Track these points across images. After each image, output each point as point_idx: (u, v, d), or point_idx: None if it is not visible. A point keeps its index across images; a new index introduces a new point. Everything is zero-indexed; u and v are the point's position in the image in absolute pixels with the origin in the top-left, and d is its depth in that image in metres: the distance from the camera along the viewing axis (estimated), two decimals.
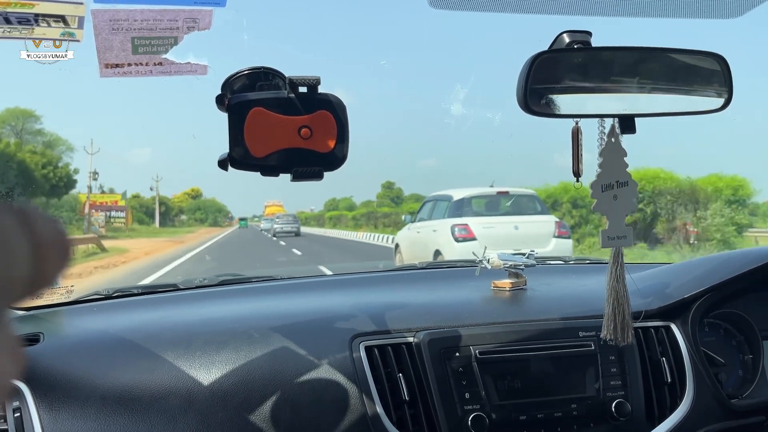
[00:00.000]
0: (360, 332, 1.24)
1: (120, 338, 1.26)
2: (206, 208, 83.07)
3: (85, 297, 1.63)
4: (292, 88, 0.84)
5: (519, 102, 0.99)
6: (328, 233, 41.57)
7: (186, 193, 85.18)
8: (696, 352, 1.34)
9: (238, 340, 1.22)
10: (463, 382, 1.19)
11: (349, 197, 75.90)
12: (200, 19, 0.91)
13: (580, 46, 1.04)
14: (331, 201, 78.32)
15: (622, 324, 1.15)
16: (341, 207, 69.73)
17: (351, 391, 1.16)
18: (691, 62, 1.08)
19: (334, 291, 1.70)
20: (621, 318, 1.15)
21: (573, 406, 1.23)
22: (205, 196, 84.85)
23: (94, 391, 1.10)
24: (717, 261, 1.54)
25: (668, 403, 1.30)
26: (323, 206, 78.32)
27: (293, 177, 0.87)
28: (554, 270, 1.93)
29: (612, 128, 1.08)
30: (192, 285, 1.75)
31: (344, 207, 68.76)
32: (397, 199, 67.90)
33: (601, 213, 1.10)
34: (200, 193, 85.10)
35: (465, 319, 1.30)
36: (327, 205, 78.26)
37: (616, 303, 1.15)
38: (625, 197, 1.10)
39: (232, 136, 0.83)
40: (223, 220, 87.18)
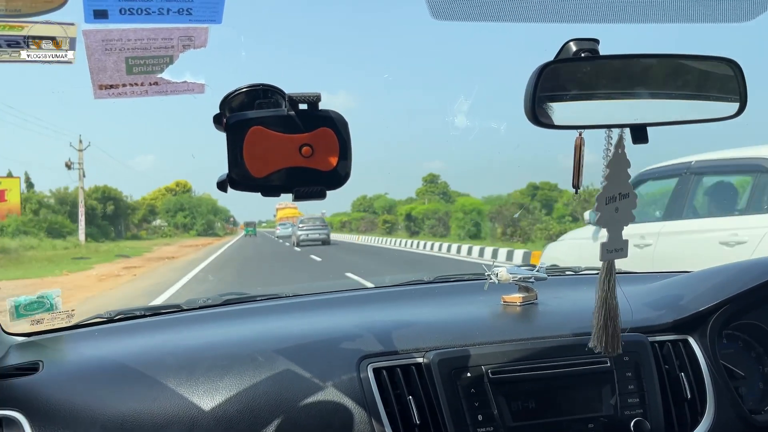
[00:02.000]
0: (368, 353, 1.21)
1: (121, 365, 1.23)
2: (194, 208, 60.89)
3: (86, 321, 1.60)
4: (292, 105, 0.81)
5: (527, 114, 0.96)
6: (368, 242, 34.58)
7: (167, 188, 65.11)
8: (715, 366, 1.30)
9: (242, 364, 1.18)
10: (475, 404, 1.16)
11: (383, 194, 61.34)
12: (196, 36, 0.89)
13: (588, 54, 1.00)
14: (360, 200, 62.87)
15: (612, 335, 1.11)
16: (377, 207, 57.98)
17: (360, 415, 1.12)
18: (703, 68, 1.05)
19: (340, 309, 1.67)
20: (612, 329, 1.12)
21: (590, 426, 1.19)
22: (196, 193, 63.95)
23: (94, 422, 1.07)
24: (731, 271, 1.50)
25: (689, 420, 1.26)
26: (351, 207, 63.83)
27: (295, 197, 0.84)
28: (564, 282, 1.89)
29: (619, 139, 1.05)
30: (195, 305, 1.71)
31: (380, 208, 57.15)
32: (444, 195, 55.52)
33: (603, 226, 1.07)
34: (188, 187, 64.69)
35: (475, 337, 1.26)
36: (356, 205, 63.41)
37: (607, 315, 1.11)
38: (625, 209, 1.08)
39: (231, 156, 0.80)
40: (225, 226, 70.30)
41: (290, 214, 50.38)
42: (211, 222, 62.53)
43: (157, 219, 58.25)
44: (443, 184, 59.25)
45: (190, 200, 61.85)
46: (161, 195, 64.49)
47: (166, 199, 62.01)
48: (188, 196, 62.72)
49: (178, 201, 61.27)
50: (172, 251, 27.45)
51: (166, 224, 57.74)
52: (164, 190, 65.24)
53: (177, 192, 64.69)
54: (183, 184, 67.41)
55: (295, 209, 51.20)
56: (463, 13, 1.00)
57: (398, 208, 50.15)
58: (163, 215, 59.80)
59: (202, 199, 63.31)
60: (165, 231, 54.34)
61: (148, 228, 53.50)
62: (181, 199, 61.91)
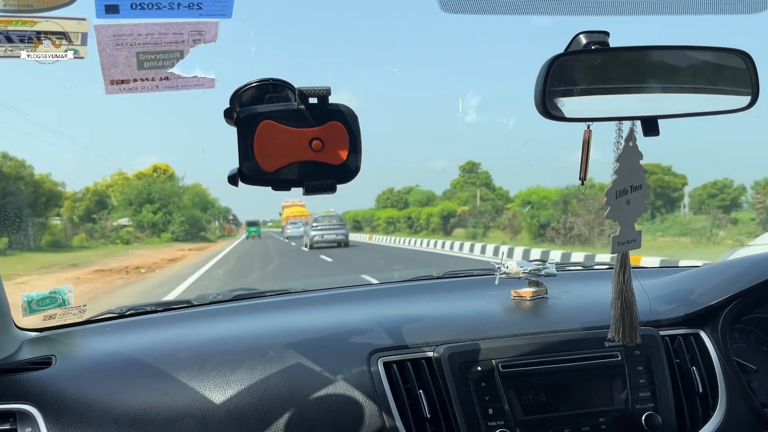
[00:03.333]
0: (378, 347, 1.21)
1: (133, 359, 1.24)
2: (168, 199, 40.13)
3: (97, 316, 1.61)
4: (302, 99, 0.81)
5: (537, 107, 0.96)
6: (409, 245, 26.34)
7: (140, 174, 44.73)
8: (727, 360, 1.29)
9: (253, 358, 1.19)
10: (485, 397, 1.16)
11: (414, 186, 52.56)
12: (206, 31, 0.89)
13: (598, 46, 1.00)
14: (387, 193, 53.21)
15: (630, 325, 1.12)
16: (411, 202, 48.58)
17: (370, 409, 1.12)
18: (714, 60, 1.04)
19: (350, 304, 1.67)
20: (630, 320, 1.12)
21: (601, 420, 1.19)
22: (185, 182, 45.64)
23: (106, 415, 1.08)
24: (742, 266, 1.49)
25: (700, 414, 1.26)
26: (374, 202, 53.93)
27: (305, 191, 0.84)
28: (575, 277, 1.89)
29: (630, 132, 1.05)
30: (206, 301, 1.72)
31: (416, 202, 48.02)
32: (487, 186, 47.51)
33: (614, 219, 1.06)
34: (171, 173, 45.31)
35: (485, 331, 1.26)
36: (380, 200, 53.50)
37: (624, 306, 1.11)
38: (638, 200, 1.08)
39: (242, 151, 0.80)
40: (226, 227, 55.12)
41: (297, 212, 45.56)
42: (197, 220, 42.07)
43: (107, 214, 38.08)
44: (485, 174, 50.53)
45: (163, 189, 40.89)
46: (122, 181, 44.49)
47: (130, 188, 41.38)
48: (165, 184, 42.29)
49: (144, 189, 40.34)
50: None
51: (129, 223, 38.55)
52: (131, 177, 44.13)
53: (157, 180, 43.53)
54: (163, 169, 47.03)
55: (303, 207, 46.63)
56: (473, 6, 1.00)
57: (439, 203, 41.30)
58: (122, 210, 39.77)
59: (186, 190, 44.83)
60: (121, 235, 34.98)
61: (95, 229, 34.21)
62: (151, 186, 41.14)
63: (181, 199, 42.28)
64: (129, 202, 40.37)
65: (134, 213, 39.49)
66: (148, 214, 39.14)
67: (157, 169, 47.79)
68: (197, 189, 46.39)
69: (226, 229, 52.15)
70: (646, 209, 1.10)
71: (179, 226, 38.95)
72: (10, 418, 1.08)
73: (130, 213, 39.57)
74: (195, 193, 45.39)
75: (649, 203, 1.11)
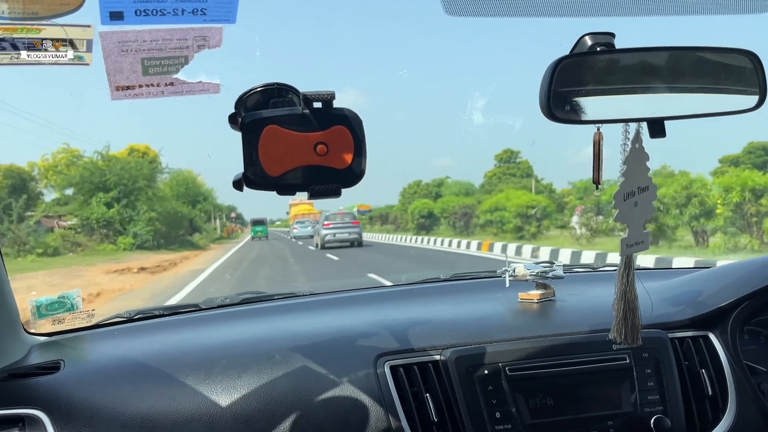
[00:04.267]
0: (384, 351, 1.21)
1: (141, 363, 1.24)
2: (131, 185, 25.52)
3: (106, 321, 1.62)
4: (307, 103, 0.81)
5: (542, 109, 0.95)
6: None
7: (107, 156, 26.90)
8: (737, 362, 1.28)
9: (259, 362, 1.19)
10: (493, 401, 1.15)
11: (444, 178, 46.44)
12: (210, 36, 0.89)
13: (604, 48, 0.99)
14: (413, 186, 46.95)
15: (633, 327, 1.11)
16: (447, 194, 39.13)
17: (377, 413, 1.12)
18: (721, 61, 1.03)
19: (357, 307, 1.67)
20: (632, 321, 1.11)
21: (609, 423, 1.18)
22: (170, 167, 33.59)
23: (115, 420, 1.08)
24: (752, 267, 1.48)
25: (710, 417, 1.25)
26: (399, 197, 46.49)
27: (310, 195, 0.84)
28: (582, 279, 1.88)
29: (636, 134, 1.04)
30: (213, 305, 1.73)
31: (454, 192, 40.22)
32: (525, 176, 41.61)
33: (622, 222, 1.06)
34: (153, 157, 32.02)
35: (492, 334, 1.25)
36: (406, 194, 45.84)
37: (627, 308, 1.11)
38: (645, 202, 1.08)
39: (247, 156, 0.81)
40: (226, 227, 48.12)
41: (305, 210, 40.36)
42: (178, 218, 29.09)
43: (30, 207, 24.55)
44: (525, 164, 44.58)
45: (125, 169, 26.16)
46: (69, 160, 29.63)
47: (79, 171, 26.40)
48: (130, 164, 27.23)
49: (95, 170, 25.84)
50: None
51: (72, 222, 25.65)
52: (87, 159, 27.51)
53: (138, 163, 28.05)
54: (142, 151, 33.82)
55: (311, 205, 41.24)
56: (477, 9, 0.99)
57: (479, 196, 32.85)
58: (62, 201, 27.75)
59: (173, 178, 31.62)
60: (45, 241, 21.45)
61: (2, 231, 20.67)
62: (109, 165, 26.24)
63: (156, 186, 28.18)
64: (76, 189, 25.59)
65: (81, 204, 25.32)
66: (98, 208, 24.63)
67: (133, 151, 33.53)
68: (184, 176, 32.54)
69: (224, 230, 42.60)
70: (653, 210, 1.10)
71: (145, 225, 24.95)
72: (19, 423, 1.09)
73: (76, 206, 25.38)
74: (179, 182, 32.08)
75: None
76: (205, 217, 40.92)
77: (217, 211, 44.78)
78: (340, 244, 22.56)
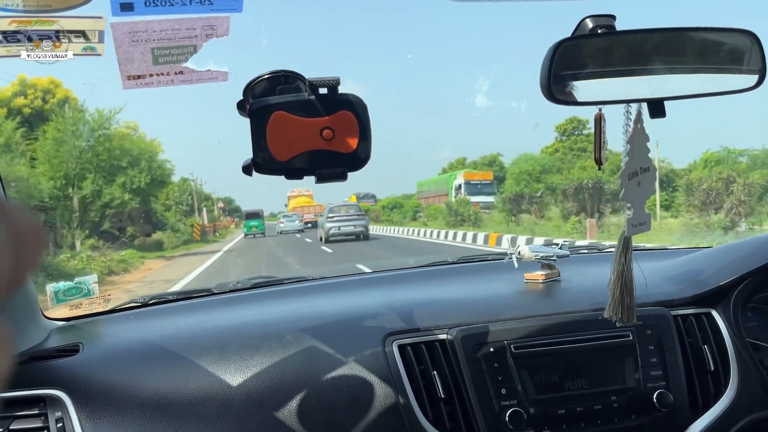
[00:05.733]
0: (393, 330, 1.24)
1: (156, 345, 1.28)
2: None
3: (121, 306, 1.66)
4: (313, 90, 0.83)
5: (543, 91, 0.97)
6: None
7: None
8: (739, 339, 1.30)
9: (271, 343, 1.22)
10: (499, 378, 1.18)
11: (496, 154, 39.78)
12: (218, 26, 0.92)
13: (605, 30, 1.01)
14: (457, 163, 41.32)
15: (628, 306, 1.14)
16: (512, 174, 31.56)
17: (386, 390, 1.15)
18: (720, 41, 1.04)
19: (365, 290, 1.70)
20: (628, 301, 1.14)
21: (613, 398, 1.20)
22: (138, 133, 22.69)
23: (133, 399, 1.12)
24: (753, 245, 1.50)
25: (712, 391, 1.27)
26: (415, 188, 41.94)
27: (317, 179, 0.87)
28: (588, 259, 1.90)
29: (638, 114, 1.06)
30: (226, 289, 1.76)
31: (519, 172, 30.55)
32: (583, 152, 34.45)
33: (628, 201, 1.08)
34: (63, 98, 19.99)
35: (498, 313, 1.28)
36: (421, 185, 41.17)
37: (623, 287, 1.12)
38: (647, 183, 1.09)
39: (255, 141, 0.83)
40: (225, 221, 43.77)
41: (304, 202, 39.64)
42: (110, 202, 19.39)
43: None
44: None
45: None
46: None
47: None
48: None
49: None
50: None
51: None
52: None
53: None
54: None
55: (310, 197, 40.62)
56: None
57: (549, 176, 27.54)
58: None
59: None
60: None
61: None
62: None
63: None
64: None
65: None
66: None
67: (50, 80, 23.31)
68: (138, 144, 21.96)
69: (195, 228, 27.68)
70: (654, 191, 1.11)
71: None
72: (41, 403, 1.13)
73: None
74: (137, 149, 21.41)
75: None
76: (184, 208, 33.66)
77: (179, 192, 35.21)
78: (345, 237, 21.55)
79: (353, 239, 21.31)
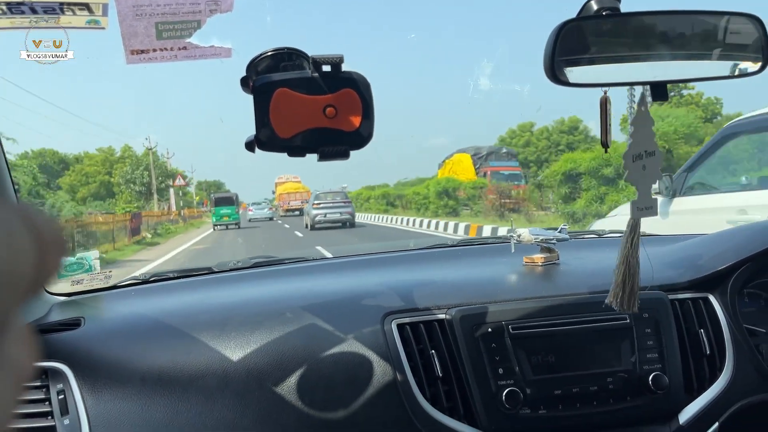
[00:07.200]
0: (392, 309, 1.25)
1: (157, 321, 1.29)
2: None
3: (122, 282, 1.67)
4: (316, 67, 0.83)
5: (546, 72, 0.97)
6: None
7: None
8: (735, 323, 1.31)
9: (272, 320, 1.23)
10: (496, 358, 1.19)
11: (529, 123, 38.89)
12: (222, 1, 0.91)
13: (609, 12, 1.01)
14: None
15: (630, 293, 1.14)
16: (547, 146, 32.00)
17: (384, 369, 1.17)
18: (725, 24, 1.04)
19: (366, 270, 1.71)
20: (630, 287, 1.14)
21: (609, 380, 1.22)
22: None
23: (134, 373, 1.13)
24: (752, 231, 1.50)
25: (707, 375, 1.28)
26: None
27: (320, 157, 0.87)
28: (587, 244, 1.91)
29: (642, 97, 1.06)
30: (226, 268, 1.77)
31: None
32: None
33: (632, 183, 1.08)
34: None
35: (497, 294, 1.29)
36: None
37: (627, 272, 1.13)
38: (652, 167, 1.09)
39: (258, 118, 0.83)
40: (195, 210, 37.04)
41: (292, 188, 37.46)
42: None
43: None
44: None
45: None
46: None
47: None
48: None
49: None
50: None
51: None
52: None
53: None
54: None
55: (298, 183, 38.42)
56: None
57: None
58: None
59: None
60: None
61: None
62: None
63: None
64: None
65: None
66: None
67: None
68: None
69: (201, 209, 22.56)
70: (660, 176, 1.11)
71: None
72: (42, 375, 1.14)
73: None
74: None
75: None
76: (138, 188, 25.95)
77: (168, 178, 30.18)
78: (332, 224, 21.26)
79: (339, 226, 21.04)
